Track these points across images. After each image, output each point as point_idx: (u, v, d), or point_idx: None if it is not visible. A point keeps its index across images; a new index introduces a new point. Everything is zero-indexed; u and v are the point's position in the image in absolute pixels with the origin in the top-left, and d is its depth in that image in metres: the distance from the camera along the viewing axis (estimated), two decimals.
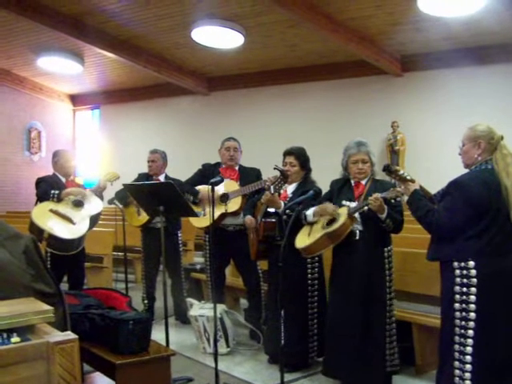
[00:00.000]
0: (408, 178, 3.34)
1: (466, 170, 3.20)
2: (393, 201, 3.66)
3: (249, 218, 4.58)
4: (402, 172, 3.38)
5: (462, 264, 3.00)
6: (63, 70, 11.59)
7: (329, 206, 3.89)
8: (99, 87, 13.45)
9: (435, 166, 9.01)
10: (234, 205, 4.94)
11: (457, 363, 3.01)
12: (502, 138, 3.12)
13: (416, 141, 10.16)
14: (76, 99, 14.57)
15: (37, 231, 4.62)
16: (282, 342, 3.70)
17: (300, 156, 4.47)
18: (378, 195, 3.59)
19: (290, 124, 11.22)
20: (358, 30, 8.91)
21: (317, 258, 4.37)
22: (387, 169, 3.42)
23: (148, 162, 5.89)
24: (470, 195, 2.99)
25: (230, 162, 5.21)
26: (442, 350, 3.17)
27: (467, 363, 2.97)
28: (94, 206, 5.04)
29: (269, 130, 11.45)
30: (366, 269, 3.79)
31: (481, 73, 9.45)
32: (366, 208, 3.70)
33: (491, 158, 3.08)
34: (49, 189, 4.97)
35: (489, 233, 2.97)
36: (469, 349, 2.97)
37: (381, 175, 4.10)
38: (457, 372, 3.01)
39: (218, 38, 9.14)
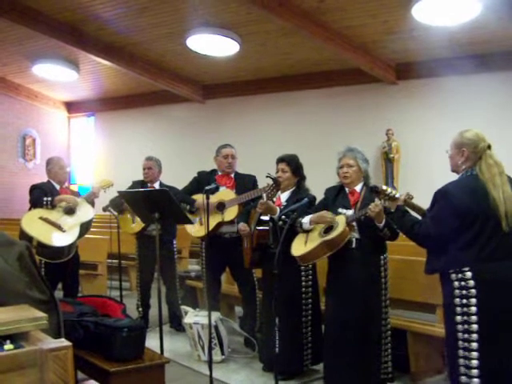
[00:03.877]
0: (397, 196, 3.31)
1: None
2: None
3: (242, 224, 4.58)
4: (389, 191, 3.32)
5: (460, 275, 2.95)
6: (58, 78, 11.58)
7: (326, 215, 3.87)
8: (94, 94, 13.44)
9: (430, 173, 9.01)
10: (231, 214, 4.91)
11: (463, 378, 2.94)
12: (489, 147, 3.07)
13: (411, 148, 10.18)
14: (71, 106, 14.56)
15: (26, 238, 4.60)
16: (277, 349, 3.70)
17: (291, 162, 4.47)
18: (377, 202, 3.58)
19: (285, 132, 11.25)
20: (353, 39, 8.94)
21: (310, 266, 4.36)
22: (374, 190, 3.39)
23: (144, 169, 5.89)
24: (455, 204, 2.96)
25: (227, 170, 5.19)
26: (449, 366, 3.11)
27: (474, 377, 2.90)
28: (85, 213, 5.02)
29: (264, 138, 11.47)
30: (363, 277, 3.79)
31: (476, 80, 9.49)
32: (362, 216, 3.70)
33: (476, 165, 3.05)
34: (42, 196, 4.96)
35: (480, 240, 2.94)
36: (474, 362, 2.90)
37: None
38: None
39: (213, 45, 9.16)
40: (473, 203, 2.95)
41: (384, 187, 3.38)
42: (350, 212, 3.83)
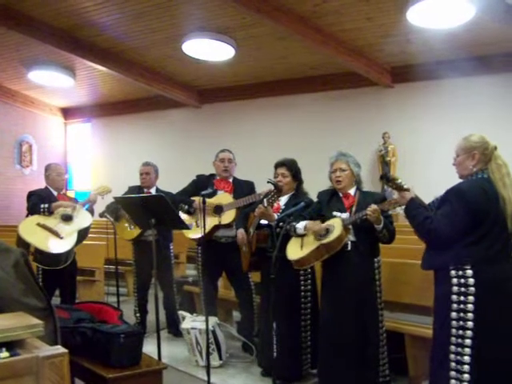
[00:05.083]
0: (405, 186, 3.32)
1: (459, 180, 3.20)
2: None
3: (241, 232, 4.57)
4: (399, 181, 3.32)
5: (460, 272, 2.97)
6: (55, 84, 11.62)
7: (321, 225, 3.84)
8: (91, 100, 13.46)
9: (426, 176, 9.02)
10: (228, 217, 4.92)
11: (453, 373, 2.97)
12: (495, 148, 3.12)
13: (407, 152, 10.20)
14: (67, 112, 14.58)
15: (23, 245, 4.58)
16: (275, 354, 3.69)
17: (292, 167, 4.48)
18: (375, 206, 3.59)
19: (281, 135, 11.26)
20: (349, 42, 8.97)
21: (309, 270, 4.36)
22: (385, 177, 3.39)
23: (141, 174, 5.87)
24: (469, 203, 2.97)
25: (224, 174, 5.20)
26: (436, 361, 3.12)
27: (465, 373, 2.92)
28: (82, 220, 5.00)
29: (260, 142, 11.49)
30: (358, 279, 3.79)
31: (472, 83, 9.51)
32: (359, 219, 3.70)
33: (486, 168, 3.09)
34: (39, 202, 4.95)
35: (487, 240, 2.96)
36: (466, 358, 2.93)
37: (368, 187, 4.10)
38: (453, 382, 2.97)
39: (208, 50, 9.18)
40: (485, 203, 2.98)
41: (395, 176, 3.39)
42: (345, 215, 3.83)
